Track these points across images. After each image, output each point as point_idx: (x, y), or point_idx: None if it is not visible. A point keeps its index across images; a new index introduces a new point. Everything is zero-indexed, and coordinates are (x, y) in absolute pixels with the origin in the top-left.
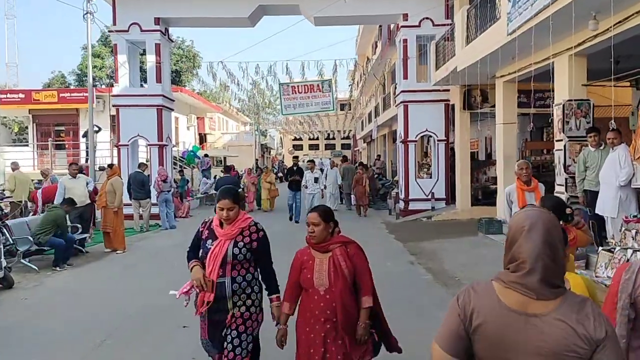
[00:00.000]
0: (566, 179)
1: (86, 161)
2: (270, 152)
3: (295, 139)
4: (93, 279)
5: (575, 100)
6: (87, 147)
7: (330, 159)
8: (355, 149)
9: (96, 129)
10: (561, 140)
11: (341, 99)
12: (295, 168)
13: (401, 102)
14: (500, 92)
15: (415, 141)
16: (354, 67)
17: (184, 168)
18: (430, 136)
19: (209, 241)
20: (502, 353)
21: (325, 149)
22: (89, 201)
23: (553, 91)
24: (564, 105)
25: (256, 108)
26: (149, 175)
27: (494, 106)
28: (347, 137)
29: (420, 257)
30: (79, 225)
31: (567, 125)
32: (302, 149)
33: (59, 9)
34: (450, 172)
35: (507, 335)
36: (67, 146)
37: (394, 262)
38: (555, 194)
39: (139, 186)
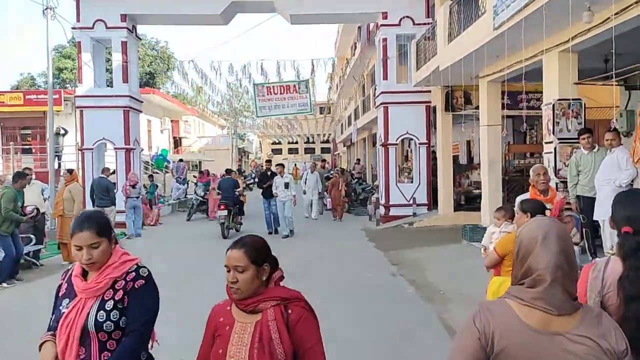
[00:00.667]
0: (557, 183)
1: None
2: (248, 156)
3: (274, 142)
4: (47, 296)
5: (565, 100)
6: (67, 152)
7: (310, 162)
8: (335, 153)
9: (62, 131)
10: (551, 142)
11: (320, 102)
12: (269, 173)
13: (381, 104)
14: (484, 92)
15: (396, 144)
16: (332, 69)
17: (155, 173)
18: (411, 139)
19: (65, 301)
20: None
21: (305, 153)
22: (44, 209)
23: (541, 92)
24: (554, 105)
25: (233, 112)
26: (115, 182)
27: (477, 108)
28: (327, 141)
29: (402, 268)
30: (32, 236)
31: (558, 126)
32: (281, 153)
33: (29, 8)
34: (432, 176)
35: (530, 357)
36: (33, 150)
37: (374, 273)
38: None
39: (102, 192)
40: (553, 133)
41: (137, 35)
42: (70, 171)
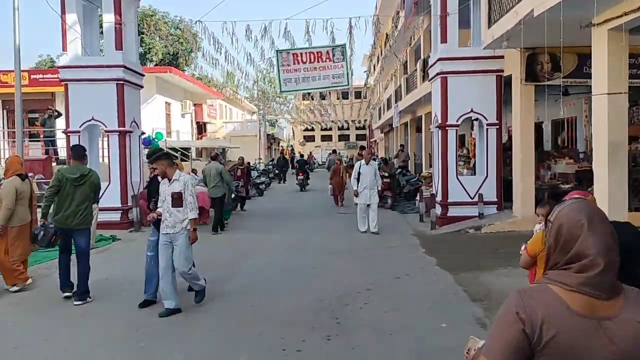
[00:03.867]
0: None
1: (55, 153)
2: (279, 143)
3: (307, 129)
4: None
5: None
6: (60, 137)
7: (346, 152)
8: (371, 140)
9: (55, 114)
10: None
11: (356, 86)
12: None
13: (438, 75)
14: (601, 46)
15: (457, 126)
16: (375, 31)
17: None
18: (476, 119)
19: None
20: None
21: (339, 140)
22: None
23: None
24: None
25: (262, 95)
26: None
27: (567, 76)
28: (362, 127)
29: (491, 308)
30: None
31: None
32: (313, 140)
33: None
34: (502, 167)
35: (579, 346)
36: (40, 135)
37: (450, 321)
38: None
39: None
40: None
41: None
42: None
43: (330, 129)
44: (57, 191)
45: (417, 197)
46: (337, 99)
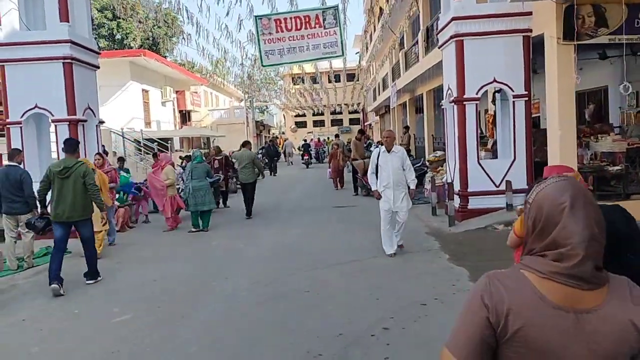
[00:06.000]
0: None
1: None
2: (269, 130)
3: (298, 115)
4: None
5: None
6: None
7: (342, 137)
8: (365, 124)
9: None
10: None
11: (349, 68)
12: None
13: (452, 38)
14: None
15: (477, 99)
16: (362, 31)
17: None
18: (498, 90)
19: None
20: None
21: (332, 125)
22: None
23: None
24: None
25: (249, 79)
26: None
27: (614, 32)
28: (356, 111)
29: None
30: None
31: None
32: (305, 126)
33: None
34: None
35: (552, 341)
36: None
37: None
38: None
39: (13, 191)
40: None
41: None
42: None
43: (323, 113)
44: (46, 186)
45: (426, 185)
46: (329, 82)
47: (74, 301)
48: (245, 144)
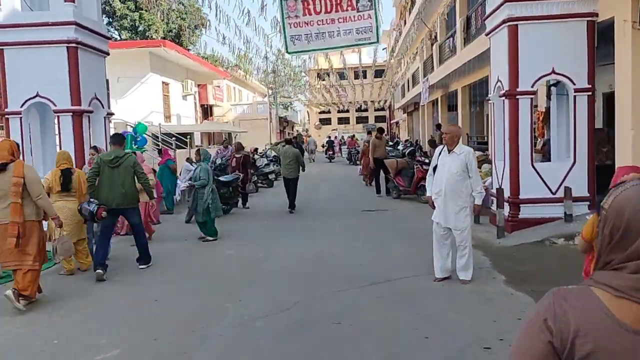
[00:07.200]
0: None
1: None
2: (292, 127)
3: (322, 112)
4: None
5: None
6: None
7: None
8: (392, 122)
9: None
10: None
11: (376, 64)
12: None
13: (504, 23)
14: None
15: (533, 93)
16: (390, 26)
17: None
18: (556, 83)
19: None
20: None
21: (357, 123)
22: None
23: None
24: None
25: (273, 73)
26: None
27: None
28: (382, 109)
29: None
30: None
31: None
32: (330, 123)
33: None
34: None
35: None
36: None
37: None
38: None
39: None
40: None
41: None
42: None
43: (348, 110)
44: (96, 173)
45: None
46: (356, 78)
47: (53, 327)
48: (289, 141)
